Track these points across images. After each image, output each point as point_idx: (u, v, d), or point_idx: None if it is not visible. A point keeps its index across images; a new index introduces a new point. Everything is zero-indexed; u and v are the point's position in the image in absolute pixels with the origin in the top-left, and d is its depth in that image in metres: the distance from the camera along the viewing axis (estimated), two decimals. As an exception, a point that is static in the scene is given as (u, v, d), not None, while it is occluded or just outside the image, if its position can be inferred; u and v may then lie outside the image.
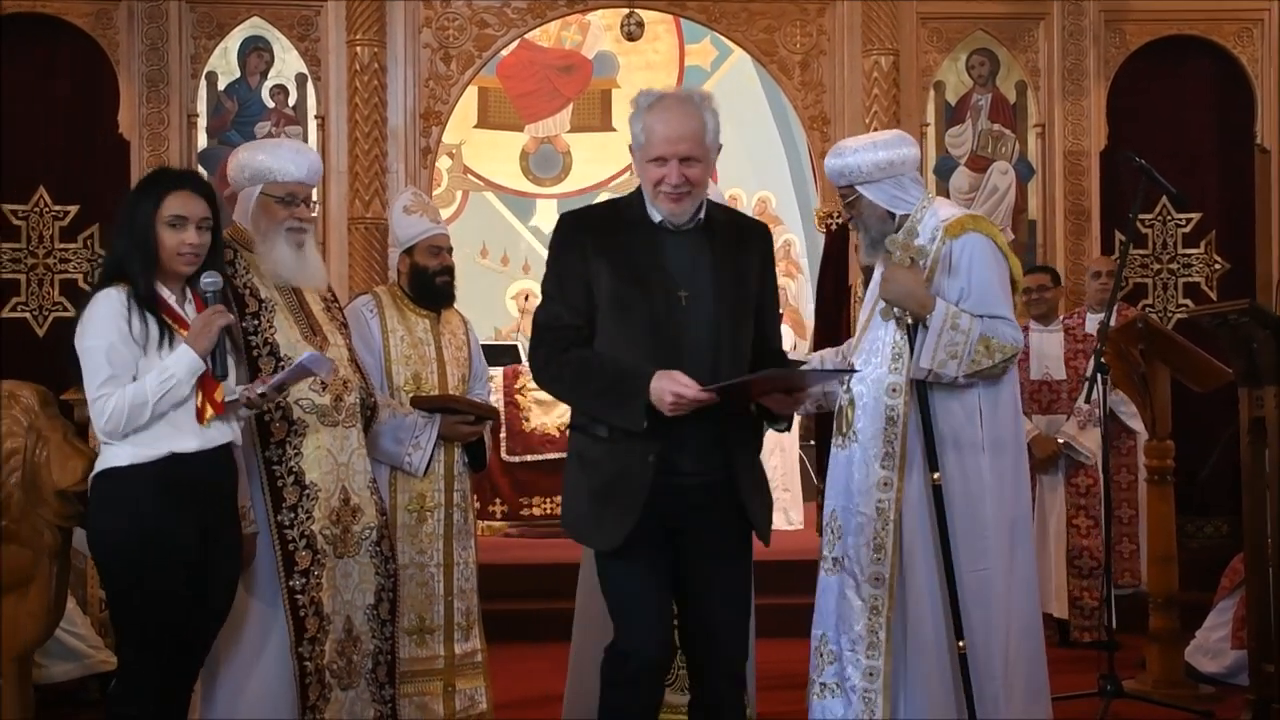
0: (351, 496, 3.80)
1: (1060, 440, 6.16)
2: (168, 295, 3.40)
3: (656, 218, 3.21)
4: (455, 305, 4.63)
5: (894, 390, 3.68)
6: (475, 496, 4.70)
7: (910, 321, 3.65)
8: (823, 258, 4.57)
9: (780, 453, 9.01)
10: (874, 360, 3.74)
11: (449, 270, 4.52)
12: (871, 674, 3.65)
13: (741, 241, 3.30)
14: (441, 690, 4.36)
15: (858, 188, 3.75)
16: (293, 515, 3.69)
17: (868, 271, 4.11)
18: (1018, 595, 3.72)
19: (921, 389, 3.65)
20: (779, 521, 8.94)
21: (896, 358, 3.69)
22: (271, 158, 3.84)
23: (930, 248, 3.69)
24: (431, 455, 4.36)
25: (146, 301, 3.33)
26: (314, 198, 3.94)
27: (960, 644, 3.61)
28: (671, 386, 3.03)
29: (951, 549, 3.61)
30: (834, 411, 3.84)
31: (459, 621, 4.42)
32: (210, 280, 3.38)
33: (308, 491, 3.71)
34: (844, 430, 3.76)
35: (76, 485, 3.63)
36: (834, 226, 4.50)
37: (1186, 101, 7.46)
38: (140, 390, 3.26)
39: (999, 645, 3.67)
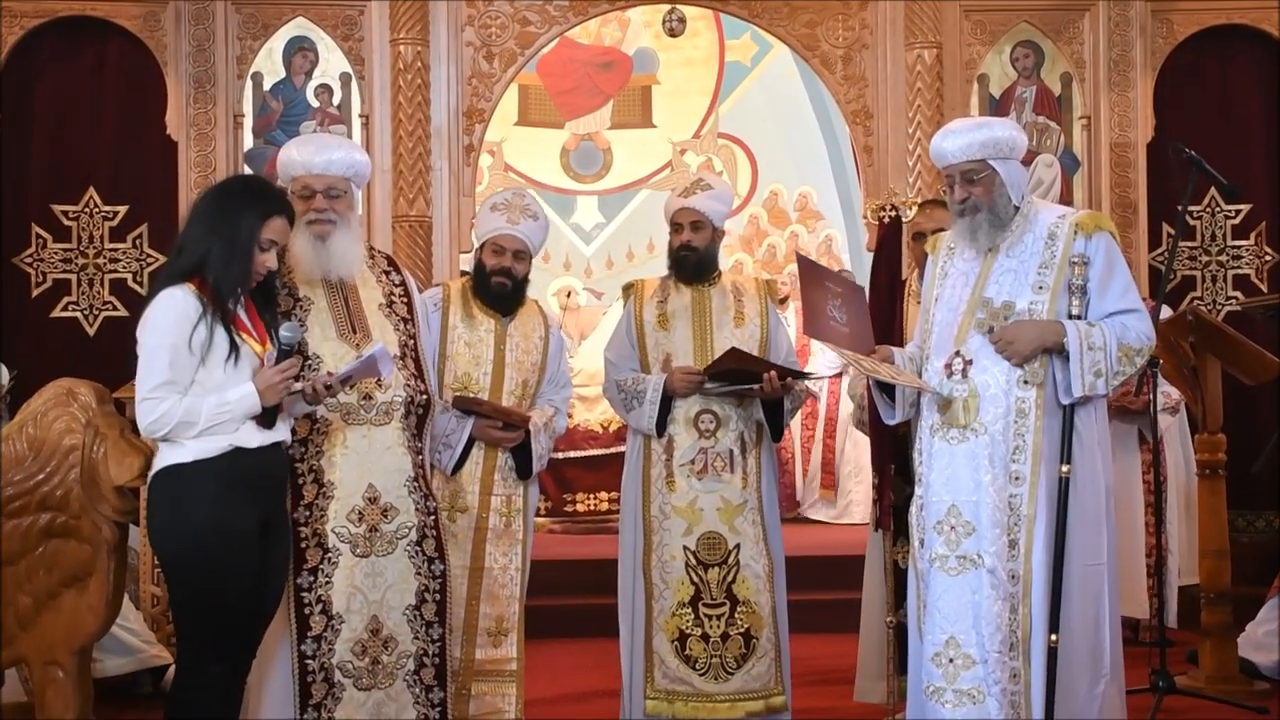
0: (381, 495, 3.75)
1: None
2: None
3: None
4: (540, 309, 4.55)
5: (1025, 382, 3.62)
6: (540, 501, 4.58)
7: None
8: (875, 251, 4.49)
9: (853, 445, 8.80)
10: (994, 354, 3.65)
11: (506, 272, 4.40)
12: (1015, 676, 3.56)
13: None
14: (454, 693, 4.22)
15: (993, 162, 3.68)
16: (307, 513, 3.70)
17: (922, 263, 4.09)
18: (1114, 592, 3.70)
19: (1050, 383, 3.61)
20: (853, 515, 8.70)
21: None
22: (288, 152, 3.85)
23: (1058, 242, 3.66)
24: (464, 456, 4.32)
25: (225, 313, 3.35)
26: (348, 190, 3.85)
27: (1053, 638, 3.56)
28: None
29: (1068, 543, 3.57)
30: (932, 404, 3.73)
31: (485, 626, 4.33)
32: (289, 335, 3.42)
33: (324, 490, 3.71)
34: (962, 423, 3.65)
35: (133, 481, 3.67)
36: (886, 219, 4.43)
37: (1235, 92, 7.36)
38: (195, 410, 3.28)
39: (1108, 642, 3.65)
